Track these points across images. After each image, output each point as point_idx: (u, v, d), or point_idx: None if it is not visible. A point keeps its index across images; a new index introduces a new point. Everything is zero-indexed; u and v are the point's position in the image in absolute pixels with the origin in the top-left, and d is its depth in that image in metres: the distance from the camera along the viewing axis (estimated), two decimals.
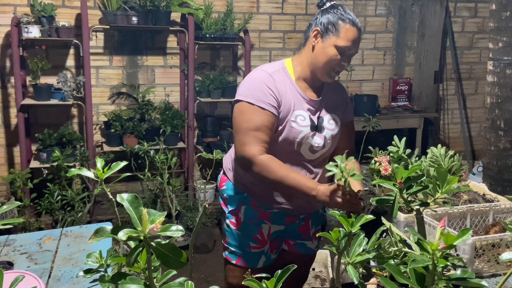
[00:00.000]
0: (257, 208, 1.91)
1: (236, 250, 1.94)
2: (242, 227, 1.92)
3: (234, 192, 1.94)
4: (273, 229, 1.94)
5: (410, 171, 1.11)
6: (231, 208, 1.95)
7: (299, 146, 1.83)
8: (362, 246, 1.08)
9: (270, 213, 1.91)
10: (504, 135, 3.18)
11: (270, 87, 1.77)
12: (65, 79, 3.91)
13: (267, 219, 1.92)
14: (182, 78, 4.48)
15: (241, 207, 1.92)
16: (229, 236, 1.97)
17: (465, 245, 1.64)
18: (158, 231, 0.81)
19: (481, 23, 5.45)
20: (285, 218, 1.95)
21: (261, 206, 1.91)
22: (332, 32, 1.77)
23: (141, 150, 3.89)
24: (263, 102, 1.75)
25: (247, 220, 1.92)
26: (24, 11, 3.98)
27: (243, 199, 1.92)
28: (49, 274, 1.78)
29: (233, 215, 1.94)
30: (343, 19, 1.77)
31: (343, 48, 1.77)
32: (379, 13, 5.13)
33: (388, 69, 5.28)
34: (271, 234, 1.94)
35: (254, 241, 1.92)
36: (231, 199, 1.96)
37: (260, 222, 1.91)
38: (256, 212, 1.91)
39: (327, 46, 1.77)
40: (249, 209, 1.92)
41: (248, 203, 1.91)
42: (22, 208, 3.79)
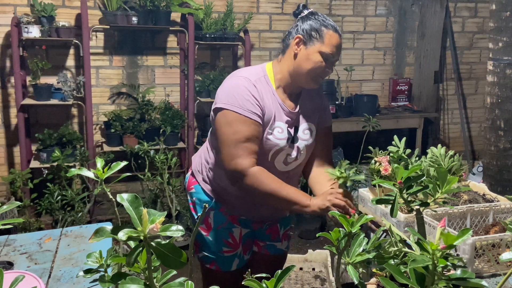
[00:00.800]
0: (225, 213, 1.91)
1: (209, 255, 1.93)
2: (213, 232, 1.91)
3: (203, 196, 1.93)
4: (244, 231, 1.95)
5: (410, 171, 1.11)
6: (199, 213, 1.93)
7: (272, 159, 1.80)
8: (362, 246, 1.08)
9: (238, 217, 1.92)
10: (504, 135, 3.18)
11: (254, 95, 1.72)
12: (65, 79, 3.91)
13: (237, 223, 1.92)
14: (182, 78, 4.48)
15: (210, 212, 1.90)
16: (201, 241, 1.94)
17: (465, 245, 1.64)
18: (158, 231, 0.81)
19: (481, 23, 5.45)
20: (252, 224, 1.97)
21: (230, 211, 1.91)
22: (316, 38, 1.74)
23: (141, 150, 3.89)
24: (250, 112, 1.70)
25: (217, 226, 1.90)
26: (24, 11, 3.98)
27: (212, 205, 1.90)
28: (49, 274, 1.78)
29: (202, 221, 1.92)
30: (325, 25, 1.75)
31: (327, 54, 1.74)
32: (379, 13, 5.13)
33: (388, 69, 5.28)
34: (243, 236, 1.95)
35: (227, 245, 1.91)
36: (200, 203, 1.94)
37: (230, 226, 1.91)
38: (225, 217, 1.90)
39: (312, 53, 1.74)
40: (218, 215, 1.90)
41: (217, 208, 1.90)
42: (22, 208, 3.79)
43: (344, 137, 4.80)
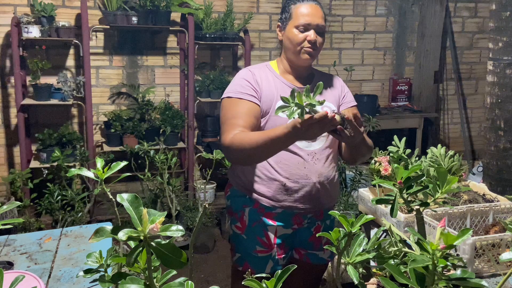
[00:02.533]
0: (260, 210, 1.88)
1: (243, 255, 1.92)
2: (248, 230, 1.90)
3: (237, 196, 1.93)
4: (280, 231, 1.90)
5: (410, 171, 1.11)
6: (235, 212, 1.93)
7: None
8: (362, 246, 1.08)
9: (275, 214, 1.88)
10: (504, 135, 3.18)
11: (247, 79, 1.82)
12: (65, 79, 3.91)
13: (272, 220, 1.88)
14: (182, 78, 4.48)
15: (245, 209, 1.90)
16: (235, 241, 1.94)
17: (465, 245, 1.64)
18: (158, 231, 0.81)
19: (481, 23, 5.45)
20: (292, 218, 1.90)
21: (265, 207, 1.87)
22: (287, 18, 1.85)
23: (141, 150, 3.89)
24: (240, 93, 1.79)
25: (252, 223, 1.89)
26: (24, 11, 3.98)
27: (246, 202, 1.90)
28: (49, 274, 1.78)
29: (237, 219, 1.92)
30: (294, 2, 1.85)
31: (301, 25, 1.80)
32: (379, 13, 5.13)
33: (388, 69, 5.28)
34: (278, 237, 1.90)
35: (261, 244, 1.88)
36: (234, 203, 1.94)
37: (265, 224, 1.88)
38: (260, 214, 1.88)
39: (288, 32, 1.83)
40: (253, 211, 1.89)
41: (251, 205, 1.89)
42: (22, 208, 3.79)
43: None
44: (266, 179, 1.84)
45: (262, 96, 1.81)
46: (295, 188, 1.83)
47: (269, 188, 1.84)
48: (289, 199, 1.85)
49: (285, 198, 1.85)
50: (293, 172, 1.82)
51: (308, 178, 1.83)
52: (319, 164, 1.85)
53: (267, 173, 1.84)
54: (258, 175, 1.85)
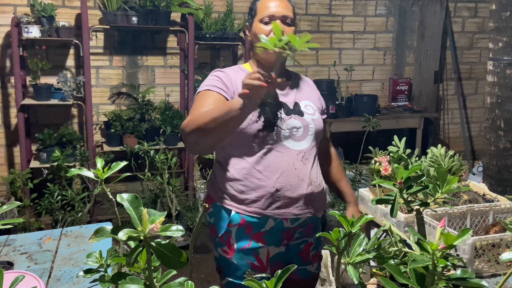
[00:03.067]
0: (248, 229, 1.72)
1: (235, 280, 1.75)
2: (237, 255, 1.74)
3: (221, 213, 1.76)
4: (272, 252, 1.77)
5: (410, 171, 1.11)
6: (220, 233, 1.76)
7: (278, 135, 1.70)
8: (362, 246, 1.08)
9: (264, 233, 1.74)
10: (504, 135, 3.18)
11: (217, 75, 1.74)
12: (65, 79, 3.91)
13: (262, 241, 1.74)
14: (182, 78, 4.48)
15: (231, 230, 1.73)
16: (224, 266, 1.79)
17: (465, 245, 1.64)
18: (158, 231, 0.81)
19: (481, 23, 5.45)
20: (282, 233, 1.77)
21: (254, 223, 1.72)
22: (253, 15, 1.79)
23: (141, 150, 3.90)
24: (209, 86, 1.72)
25: (241, 247, 1.73)
26: (24, 11, 3.98)
27: (232, 219, 1.73)
28: (49, 274, 1.78)
29: (223, 242, 1.76)
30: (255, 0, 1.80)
31: (266, 17, 1.73)
32: (379, 13, 5.13)
33: (388, 69, 5.28)
34: (271, 258, 1.77)
35: (253, 269, 1.72)
36: (218, 221, 1.77)
37: (255, 246, 1.73)
38: (248, 236, 1.73)
39: (254, 28, 1.77)
40: (240, 232, 1.73)
41: (238, 221, 1.72)
42: (22, 208, 3.79)
43: (344, 137, 4.80)
44: (254, 186, 1.70)
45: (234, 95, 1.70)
46: (287, 192, 1.70)
47: (259, 197, 1.70)
48: (281, 205, 1.71)
49: (277, 205, 1.71)
50: (283, 174, 1.70)
51: (300, 179, 1.72)
52: (309, 164, 1.76)
53: (254, 180, 1.70)
54: (245, 184, 1.70)
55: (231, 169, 1.74)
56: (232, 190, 1.73)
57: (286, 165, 1.71)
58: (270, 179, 1.69)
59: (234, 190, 1.73)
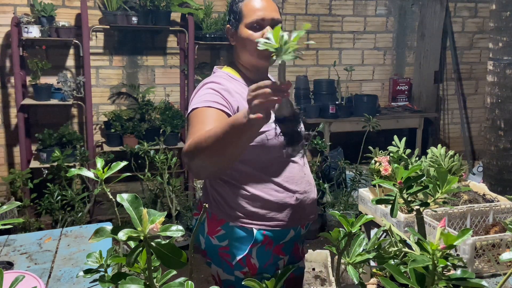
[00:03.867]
0: (269, 245, 1.66)
1: None
2: (259, 273, 1.65)
3: (237, 235, 1.64)
4: (286, 261, 1.75)
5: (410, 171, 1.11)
6: (239, 256, 1.63)
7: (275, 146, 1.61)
8: (362, 246, 1.08)
9: (283, 245, 1.70)
10: (504, 135, 3.18)
11: (214, 89, 1.59)
12: (65, 79, 3.91)
13: (282, 253, 1.70)
14: (182, 78, 4.48)
15: (252, 251, 1.63)
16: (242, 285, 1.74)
17: (465, 245, 1.64)
18: (158, 231, 0.81)
19: (481, 23, 5.45)
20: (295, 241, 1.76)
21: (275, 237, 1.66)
22: (237, 19, 1.65)
23: (141, 150, 3.90)
24: (206, 101, 1.55)
25: (263, 264, 1.66)
26: (24, 11, 3.98)
27: (252, 239, 1.62)
28: (49, 274, 1.78)
29: (243, 264, 1.64)
30: (238, 1, 1.66)
31: (253, 23, 1.61)
32: (379, 13, 5.13)
33: (388, 69, 5.28)
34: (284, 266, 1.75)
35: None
36: (235, 244, 1.64)
37: (276, 260, 1.69)
38: (269, 251, 1.66)
39: (241, 33, 1.63)
40: (261, 250, 1.65)
41: (260, 240, 1.63)
42: (22, 208, 3.79)
43: (344, 137, 4.80)
44: (276, 200, 1.64)
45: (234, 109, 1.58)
46: (305, 199, 1.70)
47: (280, 210, 1.65)
48: (302, 213, 1.69)
49: (298, 214, 1.68)
50: (299, 182, 1.68)
51: (309, 184, 1.73)
52: (307, 169, 1.76)
53: (274, 193, 1.64)
54: (266, 198, 1.63)
55: (247, 187, 1.63)
56: (251, 207, 1.63)
57: (298, 173, 1.69)
58: (290, 190, 1.66)
59: (255, 207, 1.63)
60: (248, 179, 1.64)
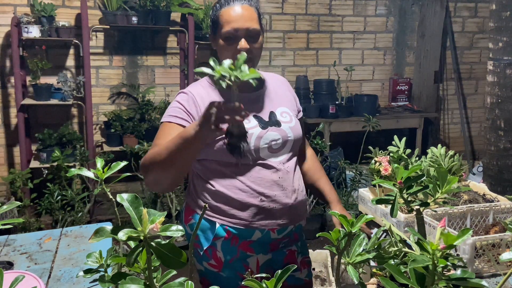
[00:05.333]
0: (234, 240, 1.66)
1: None
2: (225, 267, 1.67)
3: (203, 225, 1.69)
4: (261, 260, 1.71)
5: (410, 171, 1.11)
6: (205, 246, 1.68)
7: (256, 152, 1.64)
8: (362, 246, 1.08)
9: (251, 242, 1.68)
10: (504, 135, 3.18)
11: (180, 101, 1.64)
12: (65, 79, 3.91)
13: (250, 250, 1.68)
14: (182, 78, 4.48)
15: (217, 243, 1.66)
16: (211, 279, 1.69)
17: (465, 245, 1.64)
18: (158, 231, 0.81)
19: (481, 23, 5.45)
20: (269, 245, 1.72)
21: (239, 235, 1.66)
22: (215, 28, 1.66)
23: (141, 150, 3.90)
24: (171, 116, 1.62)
25: (229, 259, 1.67)
26: (24, 11, 3.98)
27: (216, 232, 1.66)
28: (49, 274, 1.78)
29: (209, 256, 1.68)
30: (219, 7, 1.65)
31: (226, 33, 1.62)
32: (379, 13, 5.13)
33: (388, 69, 5.28)
34: (261, 266, 1.71)
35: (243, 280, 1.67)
36: (201, 235, 1.69)
37: (243, 256, 1.68)
38: (235, 247, 1.67)
39: (217, 42, 1.66)
40: (226, 245, 1.67)
41: (223, 235, 1.66)
42: (22, 208, 3.79)
43: (344, 137, 4.80)
44: (239, 198, 1.64)
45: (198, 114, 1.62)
46: (273, 203, 1.66)
47: (243, 210, 1.64)
48: (266, 217, 1.66)
49: (262, 217, 1.66)
50: (267, 185, 1.65)
51: (284, 189, 1.68)
52: (291, 173, 1.71)
53: (238, 191, 1.64)
54: (229, 195, 1.64)
55: (212, 182, 1.67)
56: (215, 202, 1.66)
57: (270, 177, 1.66)
58: (255, 191, 1.64)
59: (218, 202, 1.66)
60: (213, 174, 1.67)
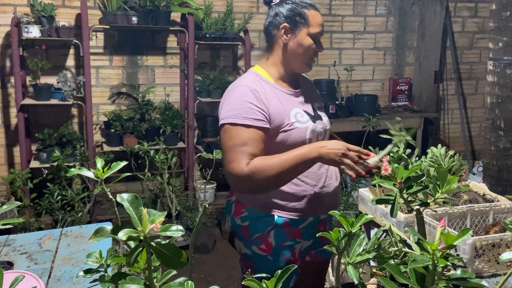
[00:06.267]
0: (287, 228, 1.77)
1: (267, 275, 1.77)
2: (274, 252, 1.78)
3: (257, 218, 1.78)
4: (304, 246, 1.83)
5: (410, 171, 1.11)
6: (257, 234, 1.78)
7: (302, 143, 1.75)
8: (362, 246, 1.08)
9: (302, 230, 1.80)
10: (504, 135, 3.18)
11: (251, 101, 1.66)
12: (65, 79, 3.91)
13: (299, 237, 1.80)
14: (182, 78, 4.48)
15: (270, 231, 1.77)
16: (257, 262, 1.80)
17: (465, 245, 1.64)
18: (158, 231, 0.81)
19: (481, 23, 5.45)
20: (316, 226, 1.84)
21: (292, 223, 1.77)
22: (301, 23, 1.73)
23: (141, 150, 3.89)
24: (247, 119, 1.64)
25: (280, 244, 1.77)
26: (24, 11, 3.98)
27: (271, 223, 1.76)
28: (49, 274, 1.78)
29: (260, 241, 1.78)
30: (305, 6, 1.74)
31: (316, 34, 1.75)
32: (379, 13, 5.13)
33: (388, 69, 5.28)
34: (302, 251, 1.84)
35: (286, 263, 1.77)
36: (255, 225, 1.79)
37: (293, 243, 1.79)
38: (287, 233, 1.78)
39: (302, 38, 1.74)
40: (279, 231, 1.77)
41: (280, 224, 1.76)
42: (22, 208, 3.79)
43: (344, 137, 4.78)
44: (296, 191, 1.75)
45: (271, 114, 1.69)
46: (324, 193, 1.79)
47: (300, 201, 1.76)
48: (319, 206, 1.80)
49: (316, 206, 1.79)
50: (317, 177, 1.78)
51: (330, 178, 1.82)
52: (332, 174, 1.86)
53: (294, 186, 1.75)
54: (287, 191, 1.74)
55: None
56: (272, 197, 1.75)
57: (319, 168, 1.78)
58: (309, 184, 1.77)
59: (275, 196, 1.75)
60: None
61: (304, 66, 1.79)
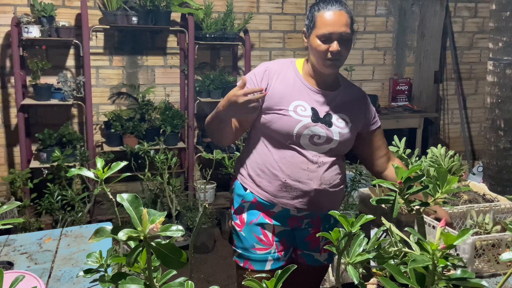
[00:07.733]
0: (259, 207, 1.88)
1: (243, 252, 1.91)
2: (246, 228, 1.90)
3: (238, 190, 1.93)
4: (278, 229, 1.89)
5: (410, 171, 1.11)
6: (235, 207, 1.94)
7: (297, 138, 1.80)
8: (362, 246, 1.08)
9: (273, 213, 1.88)
10: (504, 135, 3.18)
11: (255, 73, 1.86)
12: (65, 79, 3.91)
13: (269, 219, 1.88)
14: (182, 78, 4.48)
15: (244, 206, 1.90)
16: (235, 238, 1.95)
17: (465, 245, 1.64)
18: (158, 231, 0.81)
19: (481, 23, 5.45)
20: (288, 219, 1.90)
21: (263, 204, 1.87)
22: (310, 26, 1.82)
23: (141, 150, 3.89)
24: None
25: (249, 220, 1.89)
26: (24, 11, 3.98)
27: (246, 197, 1.89)
28: (49, 274, 1.78)
29: (237, 215, 1.93)
30: (317, 9, 1.80)
31: (323, 34, 1.77)
32: (379, 13, 5.13)
33: (388, 69, 5.28)
34: (276, 234, 1.89)
35: (259, 242, 1.88)
36: (236, 197, 1.94)
37: (262, 222, 1.88)
38: (257, 212, 1.88)
39: (311, 40, 1.81)
40: (251, 208, 1.89)
41: (250, 200, 1.89)
42: (22, 208, 3.79)
43: None
44: (269, 173, 1.84)
45: (271, 89, 1.81)
46: (295, 187, 1.82)
47: (270, 183, 1.84)
48: (287, 196, 1.84)
49: (284, 195, 1.84)
50: (294, 170, 1.81)
51: (309, 179, 1.82)
52: (323, 168, 1.83)
53: (270, 168, 1.84)
54: (262, 169, 1.86)
55: (254, 151, 1.90)
56: (250, 171, 1.90)
57: (300, 162, 1.82)
58: (282, 171, 1.82)
59: (252, 171, 1.89)
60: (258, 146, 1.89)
61: (320, 66, 1.82)
